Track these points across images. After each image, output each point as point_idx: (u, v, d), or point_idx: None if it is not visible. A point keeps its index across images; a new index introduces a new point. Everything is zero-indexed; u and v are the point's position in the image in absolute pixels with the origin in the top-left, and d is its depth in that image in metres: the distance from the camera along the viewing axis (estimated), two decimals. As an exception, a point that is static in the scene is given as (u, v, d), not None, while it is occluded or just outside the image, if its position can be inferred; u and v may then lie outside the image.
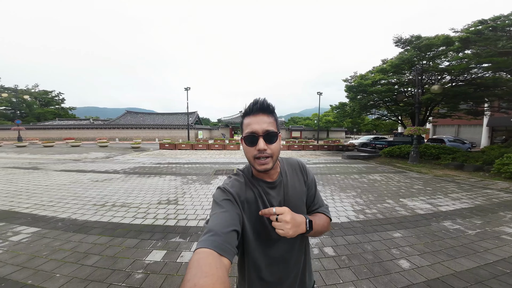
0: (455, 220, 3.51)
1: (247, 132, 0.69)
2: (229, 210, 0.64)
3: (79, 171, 7.44)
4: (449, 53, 10.33)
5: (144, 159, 11.01)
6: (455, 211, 3.91)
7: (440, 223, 3.40)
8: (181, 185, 5.57)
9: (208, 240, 0.54)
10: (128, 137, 30.27)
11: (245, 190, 0.73)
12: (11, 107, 36.38)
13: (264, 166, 0.68)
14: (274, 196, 0.75)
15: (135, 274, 2.11)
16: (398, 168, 8.69)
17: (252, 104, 0.71)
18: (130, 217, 3.48)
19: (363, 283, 2.03)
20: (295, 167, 0.85)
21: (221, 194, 0.69)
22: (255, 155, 0.68)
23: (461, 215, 3.74)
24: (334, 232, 3.04)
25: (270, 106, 0.71)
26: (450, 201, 4.52)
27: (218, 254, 0.52)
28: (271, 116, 0.72)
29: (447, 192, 5.16)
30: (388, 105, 14.41)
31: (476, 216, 3.68)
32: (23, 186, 5.24)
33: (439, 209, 4.03)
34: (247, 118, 0.71)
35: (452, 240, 2.86)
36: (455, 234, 3.03)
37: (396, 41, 11.57)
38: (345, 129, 42.41)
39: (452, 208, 4.09)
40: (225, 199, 0.67)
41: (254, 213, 0.72)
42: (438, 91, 9.34)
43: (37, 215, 3.50)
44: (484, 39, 8.10)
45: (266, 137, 0.68)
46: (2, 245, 2.59)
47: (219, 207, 0.65)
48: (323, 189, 5.27)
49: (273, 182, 0.76)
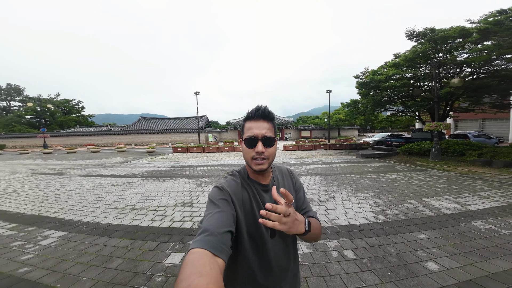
0: (486, 220, 3.26)
1: (248, 135, 0.74)
2: (224, 210, 0.65)
3: (100, 175, 7.80)
4: (467, 45, 9.74)
5: (159, 162, 11.34)
6: (486, 210, 3.65)
7: (470, 223, 3.18)
8: (195, 188, 5.66)
9: (203, 240, 0.55)
10: (143, 142, 31.40)
11: (241, 190, 0.75)
12: (36, 116, 39.08)
13: (260, 167, 0.73)
14: (267, 199, 0.78)
15: (156, 277, 2.15)
16: (419, 166, 8.27)
17: (254, 110, 0.77)
18: (149, 220, 3.58)
19: (387, 286, 1.93)
20: (285, 173, 0.91)
21: (218, 193, 0.71)
22: (253, 156, 0.73)
23: (493, 214, 3.48)
24: (353, 234, 2.93)
25: (270, 113, 0.77)
26: (480, 199, 4.22)
27: (213, 254, 0.52)
28: (271, 123, 0.77)
29: (475, 191, 4.83)
30: (403, 100, 13.81)
31: (510, 215, 3.40)
32: (50, 191, 5.57)
33: (467, 208, 3.77)
34: (249, 123, 0.77)
35: (485, 240, 2.66)
36: (487, 234, 2.82)
37: (408, 35, 11.07)
38: (357, 127, 41.16)
39: (482, 207, 3.81)
40: (222, 199, 0.68)
41: (249, 213, 0.73)
42: (458, 84, 8.81)
43: (64, 219, 3.69)
44: (505, 29, 7.55)
45: (265, 141, 0.73)
46: (33, 249, 2.72)
47: (215, 207, 0.66)
48: (338, 190, 5.13)
49: (267, 185, 0.81)
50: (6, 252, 2.64)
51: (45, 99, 41.05)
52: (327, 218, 3.47)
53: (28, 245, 2.83)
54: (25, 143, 31.07)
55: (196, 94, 23.82)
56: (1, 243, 2.88)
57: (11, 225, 3.45)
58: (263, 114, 0.76)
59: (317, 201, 4.33)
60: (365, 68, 13.88)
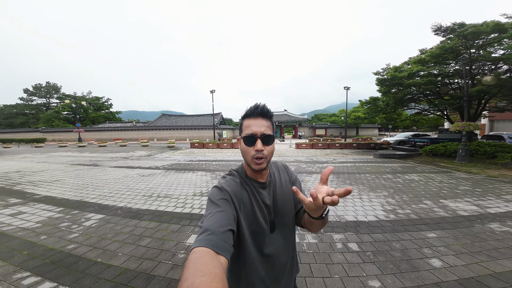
0: (504, 222, 3.17)
1: (246, 133, 0.74)
2: (225, 210, 0.65)
3: (129, 167, 8.61)
4: (503, 41, 8.90)
5: (178, 157, 12.09)
6: (507, 213, 3.51)
7: (486, 225, 3.12)
8: (211, 180, 6.09)
9: (204, 239, 0.55)
10: (164, 137, 33.21)
11: (241, 189, 0.76)
12: (71, 112, 43.07)
13: (260, 166, 0.74)
14: (266, 196, 0.80)
15: (179, 254, 2.50)
16: (442, 168, 7.86)
17: (253, 108, 0.76)
18: (172, 206, 4.01)
19: (387, 277, 2.06)
20: (281, 169, 0.92)
21: (218, 193, 0.71)
22: (253, 155, 0.73)
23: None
24: (360, 229, 3.05)
25: (269, 111, 0.77)
26: (503, 203, 4.03)
27: (215, 252, 0.52)
28: (269, 121, 0.77)
29: (500, 194, 4.58)
30: (429, 98, 12.98)
31: (533, 221, 3.25)
32: (88, 180, 6.34)
33: (486, 211, 3.65)
34: (247, 120, 0.76)
35: (497, 242, 2.63)
36: (501, 236, 2.77)
37: (435, 30, 10.38)
38: (378, 125, 39.13)
39: (503, 210, 3.67)
40: (222, 198, 0.69)
41: (249, 212, 0.75)
42: (491, 82, 8.14)
43: (102, 204, 4.24)
44: None
45: (264, 139, 0.73)
46: (78, 229, 3.13)
47: (215, 206, 0.66)
48: (351, 188, 5.16)
49: (264, 182, 0.82)
50: (56, 232, 3.05)
51: (79, 96, 45.01)
52: (335, 214, 3.60)
53: (74, 225, 3.25)
54: (62, 137, 34.50)
55: (212, 92, 24.54)
56: (52, 224, 3.33)
57: (59, 209, 3.98)
58: (262, 111, 0.76)
59: (328, 198, 4.45)
60: (386, 64, 13.28)
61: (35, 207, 4.11)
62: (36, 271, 2.21)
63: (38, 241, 2.82)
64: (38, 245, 2.73)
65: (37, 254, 2.53)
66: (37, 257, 2.47)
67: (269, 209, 0.79)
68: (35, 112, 45.15)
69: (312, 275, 2.12)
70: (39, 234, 3.03)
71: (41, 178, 6.79)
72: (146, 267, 2.25)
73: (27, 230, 3.16)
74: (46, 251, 2.59)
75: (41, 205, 4.24)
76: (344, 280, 2.03)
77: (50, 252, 2.57)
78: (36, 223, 3.40)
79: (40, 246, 2.70)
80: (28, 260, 2.41)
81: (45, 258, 2.44)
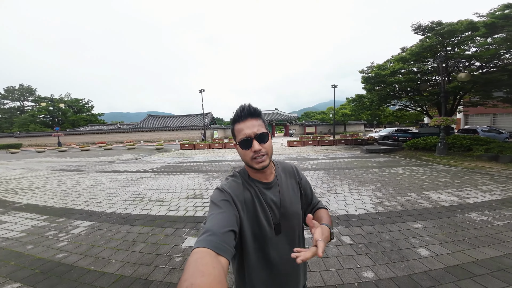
0: (482, 212, 3.42)
1: (240, 137, 0.73)
2: (226, 211, 0.65)
3: (115, 171, 8.28)
4: (476, 39, 9.55)
5: (168, 159, 11.80)
6: (484, 203, 3.79)
7: (466, 214, 3.35)
8: (204, 181, 6.01)
9: (205, 240, 0.55)
10: (151, 139, 32.22)
11: (243, 191, 0.75)
12: (49, 115, 40.57)
13: (262, 164, 0.73)
14: (271, 197, 0.78)
15: (175, 257, 2.46)
16: (423, 161, 8.32)
17: (239, 111, 0.74)
18: (165, 210, 3.93)
19: (380, 268, 2.17)
20: (289, 171, 0.90)
21: (220, 194, 0.71)
22: (252, 156, 0.72)
23: (490, 206, 3.62)
24: (351, 223, 3.17)
25: (256, 110, 0.75)
26: (480, 193, 4.34)
27: (216, 253, 0.52)
28: (259, 119, 0.76)
29: (477, 185, 4.93)
30: (410, 95, 13.66)
31: (507, 208, 3.54)
32: (72, 186, 6.04)
33: (465, 201, 3.92)
34: (238, 125, 0.74)
35: (477, 230, 2.84)
36: (480, 225, 2.99)
37: (415, 28, 10.92)
38: (363, 122, 40.59)
39: (480, 200, 3.95)
40: (223, 200, 0.69)
41: (252, 213, 0.74)
42: (465, 78, 8.72)
43: (89, 210, 4.07)
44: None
45: (259, 138, 0.72)
46: (67, 237, 3.01)
47: (217, 208, 0.66)
48: (340, 184, 5.34)
49: (269, 183, 0.80)
50: (43, 241, 2.91)
51: (57, 98, 42.46)
52: (328, 209, 3.71)
53: (61, 234, 3.11)
54: (40, 142, 32.47)
55: (201, 92, 24.14)
56: (37, 232, 3.17)
57: (43, 217, 3.78)
58: (249, 112, 0.74)
59: (319, 194, 4.57)
60: (371, 62, 13.78)
61: (17, 216, 3.88)
62: (27, 281, 2.10)
63: (25, 251, 2.68)
64: (25, 255, 2.60)
65: (25, 264, 2.40)
66: (26, 267, 2.34)
67: (274, 211, 0.77)
68: (8, 116, 42.06)
69: (309, 269, 2.18)
70: (24, 243, 2.87)
71: (20, 185, 6.38)
72: (142, 273, 2.20)
73: (11, 239, 2.99)
74: (35, 261, 2.47)
75: (23, 213, 4.00)
76: (340, 273, 2.11)
77: (39, 261, 2.45)
78: (20, 232, 3.22)
79: (27, 256, 2.56)
80: (16, 270, 2.28)
81: (34, 268, 2.32)
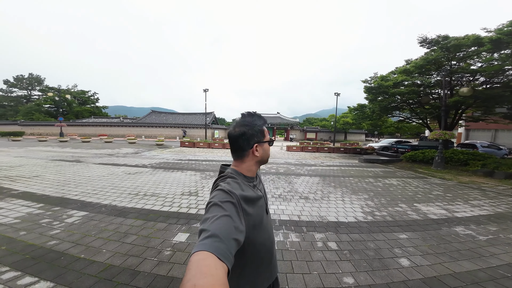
0: (468, 226, 3.49)
1: (270, 137, 0.94)
2: (230, 214, 0.65)
3: (114, 164, 8.40)
4: (481, 54, 9.64)
5: (167, 155, 11.91)
6: (471, 218, 3.85)
7: (452, 228, 3.42)
8: (200, 180, 6.11)
9: (212, 245, 0.54)
10: (152, 134, 32.42)
11: (244, 189, 0.81)
12: (54, 105, 40.93)
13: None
14: (260, 188, 0.94)
15: (165, 251, 2.55)
16: (419, 174, 8.38)
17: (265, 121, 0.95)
18: (159, 205, 4.02)
19: (360, 274, 2.24)
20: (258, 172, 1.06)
21: (224, 195, 0.70)
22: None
23: (477, 221, 3.69)
24: (339, 229, 3.24)
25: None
26: (469, 207, 4.40)
27: (219, 259, 0.52)
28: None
29: (468, 199, 4.99)
30: (412, 107, 13.75)
31: (492, 223, 3.61)
32: (71, 177, 6.14)
33: (454, 215, 3.99)
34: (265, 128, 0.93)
35: (460, 244, 2.91)
36: (464, 239, 3.06)
37: (421, 41, 11.06)
38: (365, 131, 40.58)
39: (469, 214, 4.02)
40: (228, 201, 0.68)
41: (253, 205, 0.79)
42: (467, 93, 8.80)
43: (85, 201, 4.16)
44: None
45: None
46: (60, 226, 3.08)
47: (220, 209, 0.65)
48: (334, 191, 5.41)
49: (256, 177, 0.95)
50: (37, 228, 2.99)
51: (64, 89, 42.85)
52: (318, 214, 3.79)
53: (55, 222, 3.18)
54: (42, 131, 32.71)
55: (205, 91, 24.35)
56: (32, 220, 3.24)
57: (39, 205, 3.86)
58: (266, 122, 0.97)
59: (312, 199, 4.64)
60: (374, 73, 13.90)
61: (13, 203, 3.96)
62: (15, 266, 2.18)
63: (17, 237, 2.76)
64: (17, 240, 2.68)
65: (16, 249, 2.48)
66: (17, 252, 2.43)
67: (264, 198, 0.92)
68: (14, 104, 42.48)
69: (293, 271, 2.25)
70: (18, 229, 2.96)
71: (19, 173, 6.49)
72: (131, 263, 2.28)
73: (5, 225, 3.07)
74: (26, 246, 2.55)
75: (19, 200, 4.09)
76: (322, 277, 2.18)
77: (30, 247, 2.53)
78: (15, 218, 3.30)
79: (19, 242, 2.64)
80: (6, 255, 2.36)
81: (25, 253, 2.41)
